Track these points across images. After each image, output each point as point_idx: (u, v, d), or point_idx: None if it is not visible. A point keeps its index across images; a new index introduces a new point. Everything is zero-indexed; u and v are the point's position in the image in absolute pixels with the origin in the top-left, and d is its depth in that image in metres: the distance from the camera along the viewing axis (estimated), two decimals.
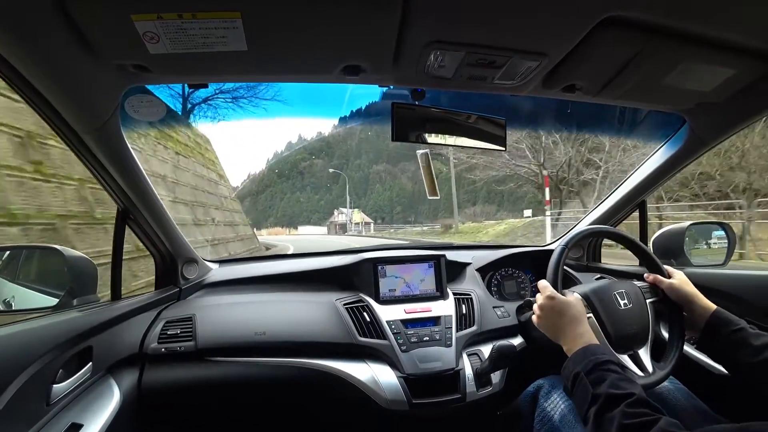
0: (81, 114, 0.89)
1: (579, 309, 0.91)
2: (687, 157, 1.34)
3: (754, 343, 0.79)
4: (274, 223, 54.75)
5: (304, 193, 61.40)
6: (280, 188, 62.33)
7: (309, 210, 57.13)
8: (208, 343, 1.19)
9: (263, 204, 61.96)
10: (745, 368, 0.84)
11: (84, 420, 0.88)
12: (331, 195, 55.34)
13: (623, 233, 1.15)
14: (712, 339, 0.87)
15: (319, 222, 49.99)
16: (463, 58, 0.89)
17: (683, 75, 0.97)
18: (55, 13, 0.65)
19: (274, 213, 59.45)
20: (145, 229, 1.28)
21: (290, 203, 59.95)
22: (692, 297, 0.97)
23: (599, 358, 0.76)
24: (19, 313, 1.09)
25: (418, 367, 1.19)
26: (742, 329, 0.82)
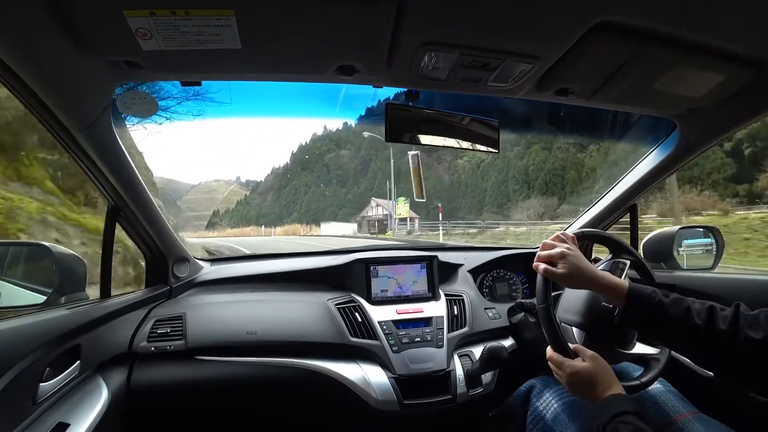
0: (72, 110, 0.88)
1: (602, 369, 0.85)
2: (677, 162, 1.35)
3: (673, 313, 0.81)
4: (297, 219, 50.44)
5: (330, 186, 56.32)
6: (304, 181, 57.99)
7: (335, 204, 52.27)
8: (199, 342, 1.18)
9: (286, 198, 58.54)
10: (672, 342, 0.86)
11: (71, 419, 0.87)
12: (360, 188, 50.61)
13: (614, 236, 1.16)
14: (633, 318, 0.87)
15: (347, 218, 44.50)
16: (456, 60, 0.89)
17: (674, 80, 0.99)
18: (46, 8, 0.65)
19: (297, 208, 55.51)
20: (135, 227, 1.26)
21: (315, 197, 55.60)
22: (593, 280, 0.89)
23: (616, 409, 0.76)
24: (5, 311, 1.07)
25: (409, 367, 1.19)
26: (659, 302, 0.83)
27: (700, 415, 0.93)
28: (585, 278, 0.88)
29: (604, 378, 0.83)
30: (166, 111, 1.00)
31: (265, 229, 38.95)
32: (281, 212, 55.61)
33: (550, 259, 0.91)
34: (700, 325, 0.77)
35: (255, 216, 57.30)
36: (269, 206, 60.38)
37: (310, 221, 44.07)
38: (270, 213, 57.20)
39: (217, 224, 56.49)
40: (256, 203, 63.99)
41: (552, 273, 0.89)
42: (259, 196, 64.98)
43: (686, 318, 0.79)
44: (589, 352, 0.88)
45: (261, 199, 63.96)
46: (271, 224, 45.71)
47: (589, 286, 0.90)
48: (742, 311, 0.77)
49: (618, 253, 1.11)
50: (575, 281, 0.89)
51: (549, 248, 0.92)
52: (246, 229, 39.79)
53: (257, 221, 52.55)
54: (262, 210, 59.76)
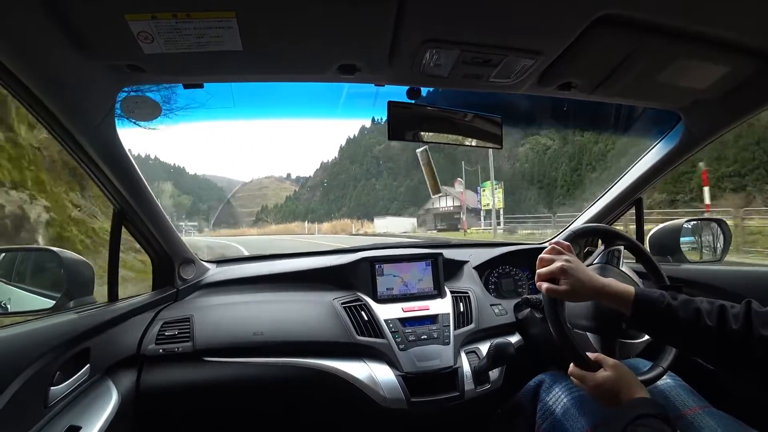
0: (75, 114, 0.88)
1: (625, 377, 0.84)
2: (682, 154, 1.34)
3: (682, 316, 0.80)
4: (346, 213, 48.82)
5: (381, 179, 53.14)
6: (353, 175, 56.08)
7: (387, 198, 49.52)
8: (206, 343, 1.19)
9: (335, 193, 56.57)
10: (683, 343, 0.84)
11: (82, 422, 0.88)
12: (413, 180, 46.74)
13: (601, 226, 1.15)
14: (641, 323, 0.86)
15: (400, 212, 41.75)
16: (458, 57, 0.89)
17: (678, 72, 0.98)
18: (48, 13, 0.65)
19: (346, 203, 53.96)
20: (141, 230, 1.27)
21: (364, 191, 52.99)
22: (597, 290, 0.87)
23: (636, 412, 0.75)
24: (15, 316, 1.08)
25: (416, 365, 1.19)
26: (668, 305, 0.81)
27: (710, 409, 0.92)
28: (589, 290, 0.86)
29: (628, 385, 0.82)
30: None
31: (310, 225, 36.54)
32: (330, 207, 53.57)
33: (551, 276, 0.89)
34: (712, 327, 0.76)
35: (303, 211, 55.63)
36: (318, 201, 58.90)
37: (361, 216, 41.29)
38: (319, 208, 55.36)
39: (263, 220, 55.99)
40: (305, 198, 62.71)
41: (556, 291, 0.88)
42: (308, 192, 63.79)
43: (697, 320, 0.77)
44: (611, 361, 0.87)
45: (310, 194, 62.60)
46: (319, 219, 43.51)
47: (595, 297, 0.89)
48: (754, 308, 0.75)
49: (610, 242, 1.11)
50: (580, 295, 0.88)
51: (547, 263, 0.91)
52: (290, 226, 37.52)
53: (305, 216, 50.81)
54: (311, 205, 58.06)
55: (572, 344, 0.89)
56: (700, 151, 1.33)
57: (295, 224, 39.64)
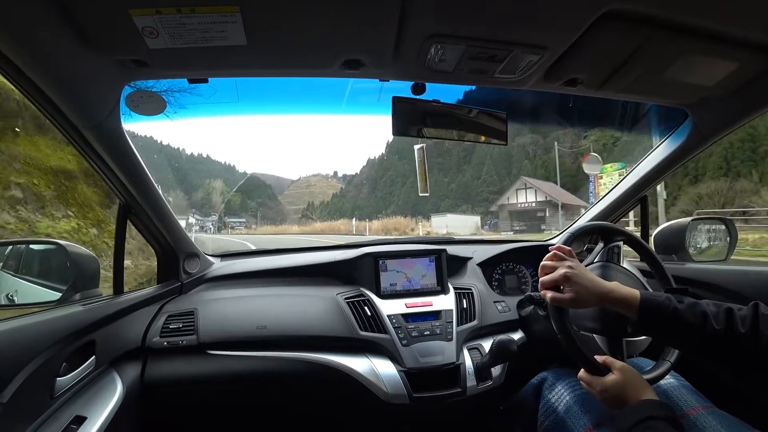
0: (81, 109, 0.89)
1: (633, 380, 0.84)
2: (689, 152, 1.33)
3: (690, 319, 0.79)
4: (394, 211, 45.62)
5: (431, 174, 51.72)
6: (401, 171, 53.08)
7: (437, 195, 45.86)
8: (210, 337, 1.20)
9: (382, 190, 55.25)
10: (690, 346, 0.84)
11: (87, 412, 0.89)
12: (464, 176, 44.67)
13: (599, 224, 1.14)
14: (648, 328, 0.85)
15: (452, 209, 38.55)
16: (463, 52, 0.88)
17: (685, 69, 0.97)
18: (54, 8, 0.65)
19: (394, 200, 50.89)
20: (146, 224, 1.28)
21: (413, 188, 48.04)
22: (602, 296, 0.87)
23: (643, 414, 0.75)
24: (23, 308, 1.09)
25: (418, 361, 1.20)
26: (674, 310, 0.81)
27: (714, 410, 0.92)
28: (594, 296, 0.86)
29: (635, 387, 0.82)
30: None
31: (358, 222, 33.76)
32: (377, 204, 51.94)
33: (554, 284, 0.89)
34: (719, 330, 0.75)
35: (350, 208, 54.46)
36: (365, 198, 57.64)
37: (415, 213, 37.78)
38: (366, 205, 54.02)
39: (307, 217, 54.84)
40: (350, 196, 61.68)
41: (560, 300, 0.87)
42: (354, 189, 62.66)
43: (704, 323, 0.77)
44: (619, 364, 0.86)
45: (356, 191, 61.67)
46: (368, 216, 41.43)
47: (600, 303, 0.88)
48: (762, 311, 0.75)
49: (609, 239, 1.10)
50: (585, 302, 0.87)
51: (549, 270, 0.90)
52: (335, 224, 34.95)
53: (351, 214, 49.40)
54: (357, 202, 56.77)
55: (579, 349, 0.89)
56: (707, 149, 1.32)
57: (341, 222, 37.04)
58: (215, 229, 55.23)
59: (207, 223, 58.38)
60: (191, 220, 64.24)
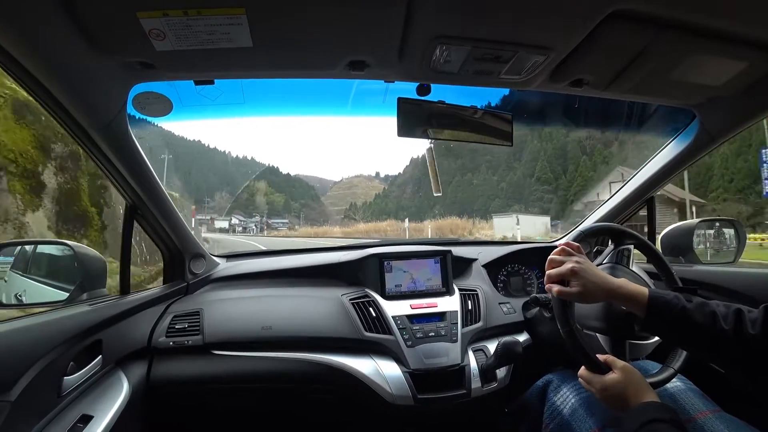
0: (89, 111, 0.90)
1: (633, 380, 0.83)
2: (696, 153, 1.32)
3: (698, 319, 0.78)
4: (441, 211, 41.10)
5: (478, 174, 46.47)
6: (446, 169, 48.76)
7: (486, 194, 43.42)
8: (215, 337, 1.20)
9: (426, 189, 51.27)
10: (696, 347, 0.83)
11: (94, 411, 0.90)
12: (515, 174, 41.10)
13: (611, 225, 1.14)
14: (655, 327, 0.84)
15: (502, 209, 35.81)
16: (468, 53, 0.88)
17: (693, 69, 0.96)
18: (62, 11, 0.66)
19: (440, 199, 45.89)
20: (153, 225, 1.29)
21: (460, 187, 46.79)
22: (610, 291, 0.86)
23: (647, 417, 0.74)
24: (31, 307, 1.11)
25: (423, 362, 1.19)
26: (683, 309, 0.80)
27: (721, 414, 0.91)
28: (601, 291, 0.85)
29: (637, 388, 0.81)
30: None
31: (411, 223, 30.79)
32: (422, 204, 49.14)
33: (561, 278, 0.88)
34: (728, 331, 0.74)
35: (394, 209, 52.96)
36: (408, 198, 55.45)
37: (457, 213, 35.22)
38: (409, 206, 51.89)
39: (350, 218, 53.86)
40: (394, 196, 59.95)
41: (567, 294, 0.87)
42: (397, 189, 60.92)
43: (713, 324, 0.76)
44: (620, 363, 0.85)
45: (400, 191, 59.70)
46: (416, 217, 38.86)
47: (607, 298, 0.88)
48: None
49: (619, 241, 1.10)
50: (592, 297, 0.86)
51: (557, 265, 0.90)
52: (381, 225, 32.82)
53: (396, 214, 47.76)
54: (401, 202, 54.90)
55: (581, 346, 0.88)
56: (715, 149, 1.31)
57: (387, 223, 34.42)
58: (257, 230, 55.04)
59: (250, 224, 58.30)
60: (234, 220, 62.27)
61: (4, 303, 1.09)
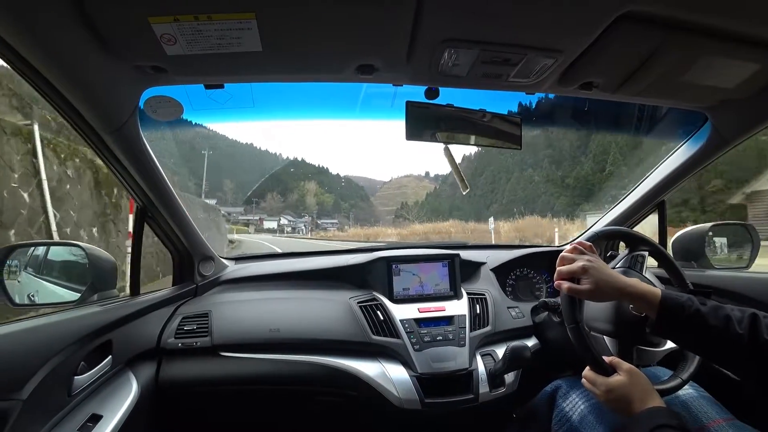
0: (101, 114, 0.91)
1: (639, 383, 0.82)
2: (709, 156, 1.30)
3: (713, 322, 0.76)
4: (500, 210, 38.96)
5: (539, 169, 40.79)
6: (504, 166, 45.70)
7: (549, 192, 38.37)
8: (224, 339, 1.21)
9: (482, 188, 48.13)
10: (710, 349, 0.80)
11: (103, 411, 0.91)
12: (583, 169, 35.19)
13: (627, 230, 1.12)
14: (667, 328, 0.82)
15: (568, 207, 32.46)
16: (477, 56, 0.88)
17: (705, 71, 0.95)
18: (75, 16, 0.67)
19: (497, 198, 44.09)
20: (163, 227, 1.31)
21: (519, 184, 42.02)
22: (622, 290, 0.84)
23: (654, 422, 0.72)
24: (43, 307, 1.12)
25: (431, 366, 1.19)
26: (696, 311, 0.78)
27: (735, 422, 0.89)
28: (612, 290, 0.84)
29: (642, 392, 0.80)
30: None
31: (473, 223, 26.90)
32: (478, 203, 46.25)
33: (571, 275, 0.87)
34: (743, 335, 0.72)
35: (447, 208, 50.39)
36: (462, 197, 51.05)
37: (518, 212, 30.14)
38: (463, 205, 48.59)
39: (403, 217, 52.11)
40: (446, 195, 57.10)
41: (577, 291, 0.85)
42: (449, 188, 57.73)
43: (726, 327, 0.74)
44: (626, 365, 0.84)
45: (452, 189, 55.36)
46: (469, 217, 34.98)
47: (618, 297, 0.86)
48: None
49: (634, 246, 1.08)
50: (602, 295, 0.85)
51: (568, 262, 0.88)
52: (442, 225, 29.30)
53: (449, 214, 44.91)
54: (455, 201, 52.01)
55: (587, 345, 0.87)
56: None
57: (449, 224, 30.05)
58: (306, 230, 54.96)
59: (299, 224, 58.43)
60: (283, 221, 61.97)
61: (18, 303, 1.11)
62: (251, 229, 49.75)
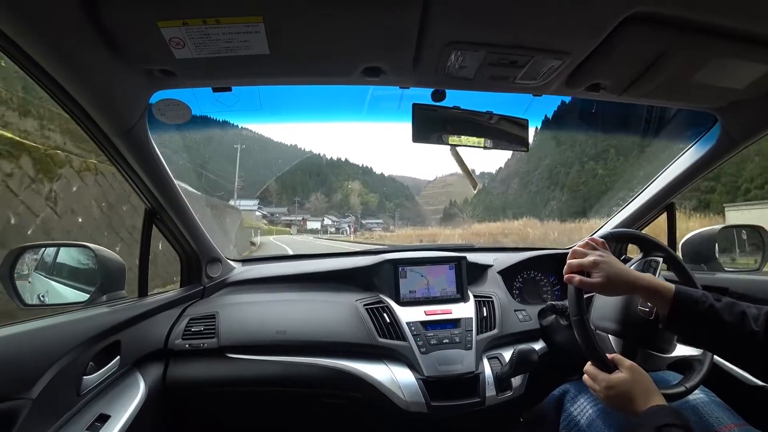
0: (110, 117, 0.92)
1: (641, 380, 0.81)
2: (718, 158, 1.28)
3: (727, 318, 0.75)
4: (558, 208, 35.54)
5: (603, 162, 35.83)
6: (562, 159, 40.32)
7: (619, 186, 28.94)
8: (230, 340, 1.22)
9: (537, 183, 43.51)
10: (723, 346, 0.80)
11: (111, 411, 0.91)
12: (653, 162, 14.65)
13: (643, 234, 1.11)
14: (680, 324, 0.80)
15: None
16: (484, 59, 0.88)
17: (714, 72, 0.94)
18: (86, 20, 0.68)
19: (555, 195, 39.58)
20: (171, 229, 1.32)
21: (581, 178, 37.32)
22: (635, 284, 0.83)
23: (658, 421, 0.71)
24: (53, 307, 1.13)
25: (437, 369, 1.18)
26: (710, 306, 0.76)
27: (748, 428, 0.87)
28: (624, 283, 0.83)
29: (644, 390, 0.78)
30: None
31: (551, 221, 23.37)
32: (533, 200, 42.25)
33: (582, 269, 0.86)
34: (758, 332, 0.71)
35: (500, 205, 47.71)
36: (515, 193, 48.04)
37: (580, 211, 28.07)
38: (517, 202, 44.85)
39: (456, 216, 50.02)
40: (498, 192, 53.08)
41: (588, 284, 0.85)
42: (500, 184, 53.79)
43: (741, 324, 0.73)
44: (627, 362, 0.83)
45: (503, 186, 52.25)
46: (530, 215, 31.35)
47: (630, 291, 0.85)
48: None
49: (649, 251, 1.07)
50: (613, 288, 0.84)
51: (580, 256, 0.88)
52: (513, 224, 26.02)
53: (504, 212, 42.08)
54: (508, 198, 48.53)
55: (591, 339, 0.87)
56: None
57: (520, 223, 26.30)
58: (351, 231, 54.44)
59: (343, 224, 58.06)
60: (327, 221, 60.68)
61: (28, 303, 1.12)
62: (294, 230, 49.15)
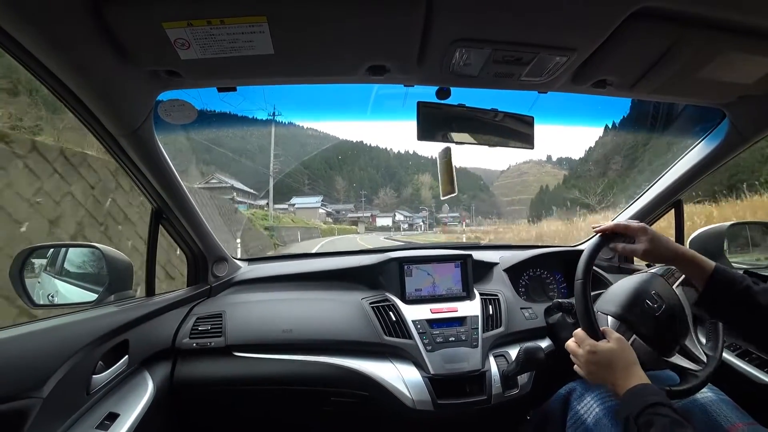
0: (116, 118, 0.93)
1: (625, 353, 0.82)
2: (727, 154, 1.27)
3: (762, 301, 0.74)
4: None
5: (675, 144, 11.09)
6: (624, 142, 31.07)
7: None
8: (237, 339, 1.22)
9: (596, 170, 35.72)
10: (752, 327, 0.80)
11: (120, 409, 0.92)
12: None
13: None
14: (714, 300, 0.81)
15: (707, 196, 12.64)
16: (489, 56, 0.87)
17: (722, 67, 0.92)
18: (92, 22, 0.68)
19: (617, 182, 30.98)
20: (177, 229, 1.32)
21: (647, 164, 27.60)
22: (677, 254, 0.87)
23: (648, 400, 0.72)
24: (62, 307, 1.14)
25: (443, 367, 1.18)
26: (747, 287, 0.76)
27: (757, 427, 0.86)
28: (668, 251, 0.85)
29: (626, 364, 0.79)
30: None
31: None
32: (628, 188, 35.73)
33: (627, 232, 0.88)
34: None
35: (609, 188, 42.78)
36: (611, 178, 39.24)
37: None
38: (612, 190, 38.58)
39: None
40: (591, 175, 39.98)
41: (632, 249, 0.87)
42: (594, 166, 41.46)
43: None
44: (615, 335, 0.84)
45: (596, 169, 40.03)
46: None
47: (673, 260, 0.87)
48: None
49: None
50: (657, 255, 0.86)
51: (625, 227, 0.91)
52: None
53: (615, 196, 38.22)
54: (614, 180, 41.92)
55: (587, 304, 0.89)
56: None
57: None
58: (426, 226, 52.82)
59: (417, 219, 55.99)
60: (399, 217, 57.91)
61: (37, 303, 1.13)
62: (361, 228, 47.05)
